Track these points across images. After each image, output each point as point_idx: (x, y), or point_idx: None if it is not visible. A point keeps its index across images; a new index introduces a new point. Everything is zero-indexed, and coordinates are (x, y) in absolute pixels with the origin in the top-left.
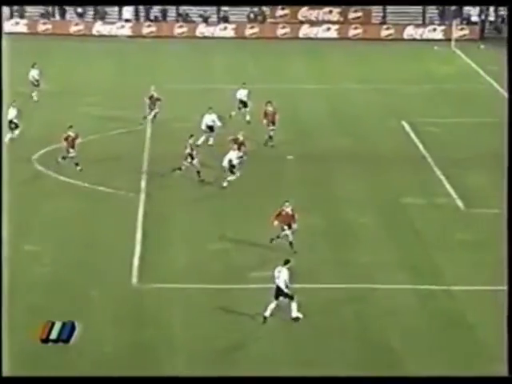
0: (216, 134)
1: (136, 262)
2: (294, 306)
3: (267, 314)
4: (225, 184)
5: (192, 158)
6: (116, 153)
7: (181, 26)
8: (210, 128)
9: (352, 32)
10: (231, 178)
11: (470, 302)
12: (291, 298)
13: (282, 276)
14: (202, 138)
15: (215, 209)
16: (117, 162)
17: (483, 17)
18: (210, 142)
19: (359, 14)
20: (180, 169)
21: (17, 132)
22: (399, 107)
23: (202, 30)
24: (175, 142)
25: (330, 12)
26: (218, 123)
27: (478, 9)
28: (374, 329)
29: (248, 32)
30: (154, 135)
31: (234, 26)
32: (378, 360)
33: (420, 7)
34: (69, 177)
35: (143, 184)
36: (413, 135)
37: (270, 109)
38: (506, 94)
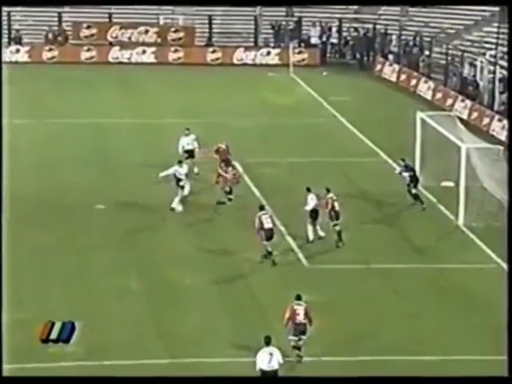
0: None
1: None
2: None
3: None
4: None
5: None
6: None
7: None
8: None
9: (172, 55)
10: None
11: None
12: None
13: (275, 357)
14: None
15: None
16: None
17: (324, 39)
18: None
19: (180, 34)
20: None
21: None
22: (231, 145)
23: None
24: None
25: (146, 32)
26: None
27: (318, 30)
28: None
29: (46, 55)
30: None
31: (27, 48)
32: None
33: (252, 27)
34: None
35: None
36: (247, 178)
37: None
38: (351, 128)
